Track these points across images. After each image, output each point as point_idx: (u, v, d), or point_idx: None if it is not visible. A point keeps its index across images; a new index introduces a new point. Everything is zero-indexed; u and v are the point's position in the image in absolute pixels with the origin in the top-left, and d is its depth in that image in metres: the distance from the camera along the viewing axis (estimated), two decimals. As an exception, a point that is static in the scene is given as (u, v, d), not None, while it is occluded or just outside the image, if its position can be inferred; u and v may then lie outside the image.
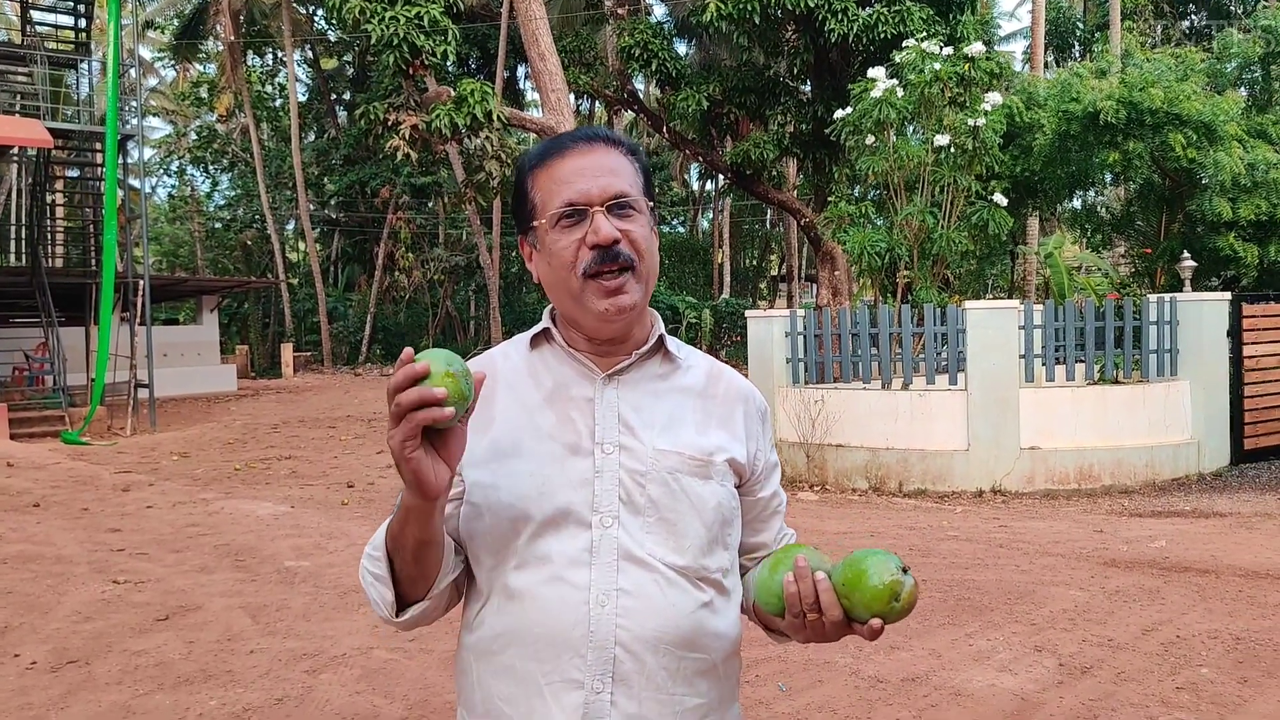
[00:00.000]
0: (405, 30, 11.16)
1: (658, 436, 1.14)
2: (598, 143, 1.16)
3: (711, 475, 1.15)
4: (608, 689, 1.07)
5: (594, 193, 1.11)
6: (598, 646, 1.07)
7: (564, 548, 1.09)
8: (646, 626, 1.08)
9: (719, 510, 1.15)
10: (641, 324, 1.20)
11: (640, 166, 1.18)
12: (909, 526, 6.84)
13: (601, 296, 1.12)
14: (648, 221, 1.16)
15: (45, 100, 14.67)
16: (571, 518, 1.10)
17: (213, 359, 21.99)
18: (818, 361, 9.39)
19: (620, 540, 1.10)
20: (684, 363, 1.22)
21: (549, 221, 1.14)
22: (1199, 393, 9.09)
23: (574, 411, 1.14)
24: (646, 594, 1.09)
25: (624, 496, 1.11)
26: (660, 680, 1.09)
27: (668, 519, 1.12)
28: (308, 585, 5.13)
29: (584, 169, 1.13)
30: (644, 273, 1.15)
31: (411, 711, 3.43)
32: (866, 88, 9.92)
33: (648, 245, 1.15)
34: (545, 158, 1.17)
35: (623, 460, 1.12)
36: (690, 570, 1.12)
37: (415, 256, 29.57)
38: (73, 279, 16.62)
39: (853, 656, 3.94)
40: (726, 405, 1.22)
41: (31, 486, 8.51)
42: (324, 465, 10.38)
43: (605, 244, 1.10)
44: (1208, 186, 10.79)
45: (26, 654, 4.04)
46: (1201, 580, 5.07)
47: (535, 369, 1.19)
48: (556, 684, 1.07)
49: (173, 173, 35.60)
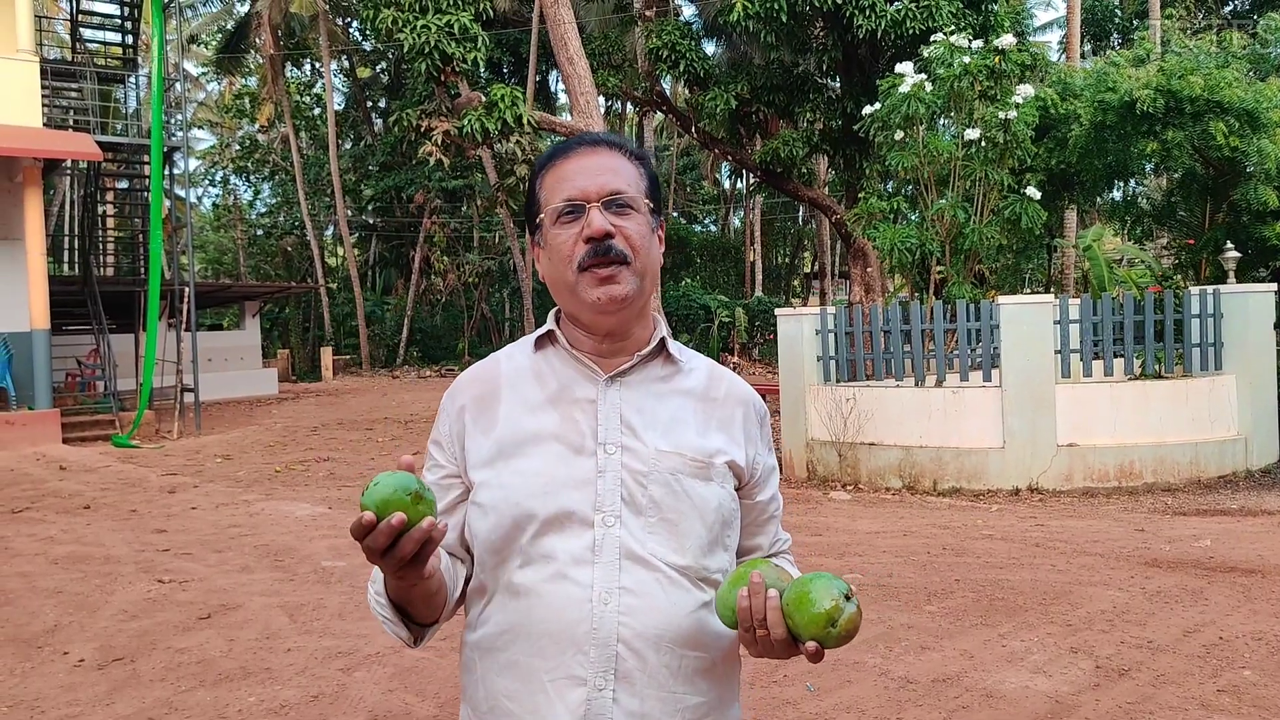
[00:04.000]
0: (436, 38, 11.30)
1: (659, 438, 1.16)
2: (602, 146, 1.20)
3: (712, 477, 1.17)
4: (610, 686, 1.09)
5: (591, 190, 1.15)
6: (600, 644, 1.09)
7: (567, 546, 1.11)
8: (648, 624, 1.10)
9: (719, 511, 1.17)
10: (643, 325, 1.22)
11: (646, 172, 1.21)
12: (943, 525, 6.77)
13: (594, 286, 1.14)
14: (647, 221, 1.18)
15: (95, 115, 15.11)
16: (575, 517, 1.12)
17: (255, 363, 22.43)
18: (849, 359, 9.33)
19: (622, 539, 1.11)
20: (685, 365, 1.24)
21: (550, 217, 1.17)
22: (1245, 387, 8.85)
23: (577, 412, 1.17)
24: (648, 593, 1.11)
25: (626, 496, 1.13)
26: (662, 678, 1.11)
27: (669, 519, 1.14)
28: (344, 585, 5.23)
29: (585, 168, 1.17)
30: (639, 269, 1.16)
31: (442, 710, 3.49)
32: (895, 83, 9.82)
33: (644, 244, 1.17)
34: (552, 159, 1.21)
35: (625, 461, 1.14)
36: (691, 570, 1.14)
37: (450, 260, 29.88)
38: (122, 287, 17.08)
39: (882, 657, 3.92)
40: (727, 409, 1.24)
41: (83, 489, 8.78)
42: (361, 466, 10.55)
43: (598, 236, 1.13)
44: (1252, 175, 10.50)
45: (75, 651, 4.18)
46: (1247, 580, 4.95)
47: (539, 370, 1.21)
48: (560, 680, 1.09)
49: (217, 182, 36.40)
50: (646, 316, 1.22)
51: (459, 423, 1.21)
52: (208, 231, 36.48)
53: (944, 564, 5.47)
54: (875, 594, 4.85)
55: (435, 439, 1.24)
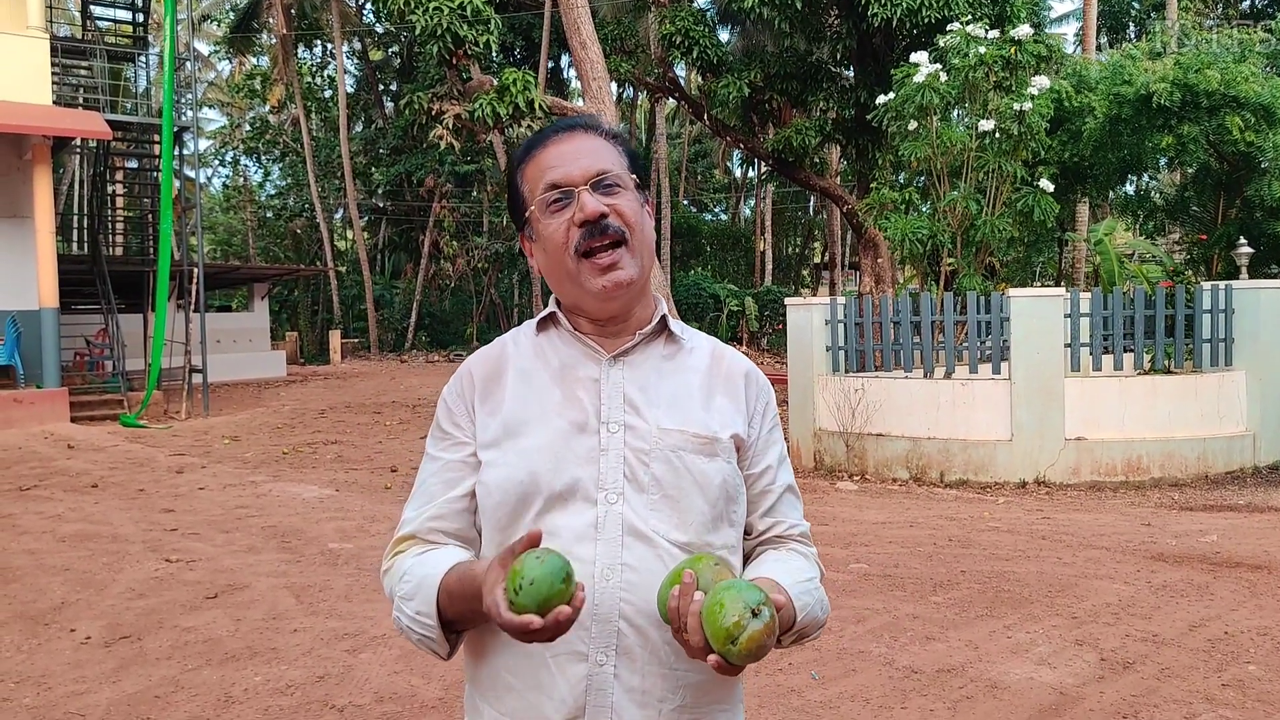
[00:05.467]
0: (449, 21, 11.26)
1: (662, 415, 1.16)
2: (576, 130, 1.19)
3: (717, 453, 1.17)
4: (611, 661, 1.09)
5: (575, 173, 1.14)
6: (602, 620, 1.09)
7: (570, 523, 1.12)
8: (650, 601, 1.10)
9: (723, 487, 1.17)
10: (644, 304, 1.22)
11: (624, 150, 1.21)
12: (949, 517, 6.76)
13: (597, 274, 1.14)
14: (636, 197, 1.18)
15: (105, 93, 15.09)
16: (578, 493, 1.12)
17: (263, 345, 22.49)
18: (858, 350, 9.30)
19: (625, 516, 1.12)
20: (687, 343, 1.24)
21: (538, 208, 1.17)
22: (1255, 384, 8.80)
23: (580, 391, 1.17)
24: (650, 569, 1.11)
25: (628, 474, 1.13)
26: (663, 654, 1.11)
27: (671, 496, 1.14)
28: (350, 567, 5.25)
29: (565, 154, 1.16)
30: (637, 246, 1.16)
31: (448, 692, 3.50)
32: (909, 73, 9.75)
33: (637, 219, 1.17)
34: (529, 152, 1.21)
35: (627, 439, 1.14)
36: (694, 546, 1.14)
37: (460, 245, 29.89)
38: (131, 267, 17.10)
39: (887, 646, 3.92)
40: (730, 380, 1.24)
41: (90, 468, 8.83)
42: (369, 450, 10.58)
43: (592, 218, 1.12)
44: (1267, 170, 10.43)
45: (82, 629, 4.21)
46: (1253, 576, 4.93)
47: (543, 351, 1.21)
48: (561, 656, 1.09)
49: (227, 163, 36.44)
50: (647, 295, 1.22)
51: (469, 402, 1.21)
52: (217, 213, 36.55)
53: (950, 555, 5.47)
54: (881, 584, 4.85)
55: (451, 419, 1.23)
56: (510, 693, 1.13)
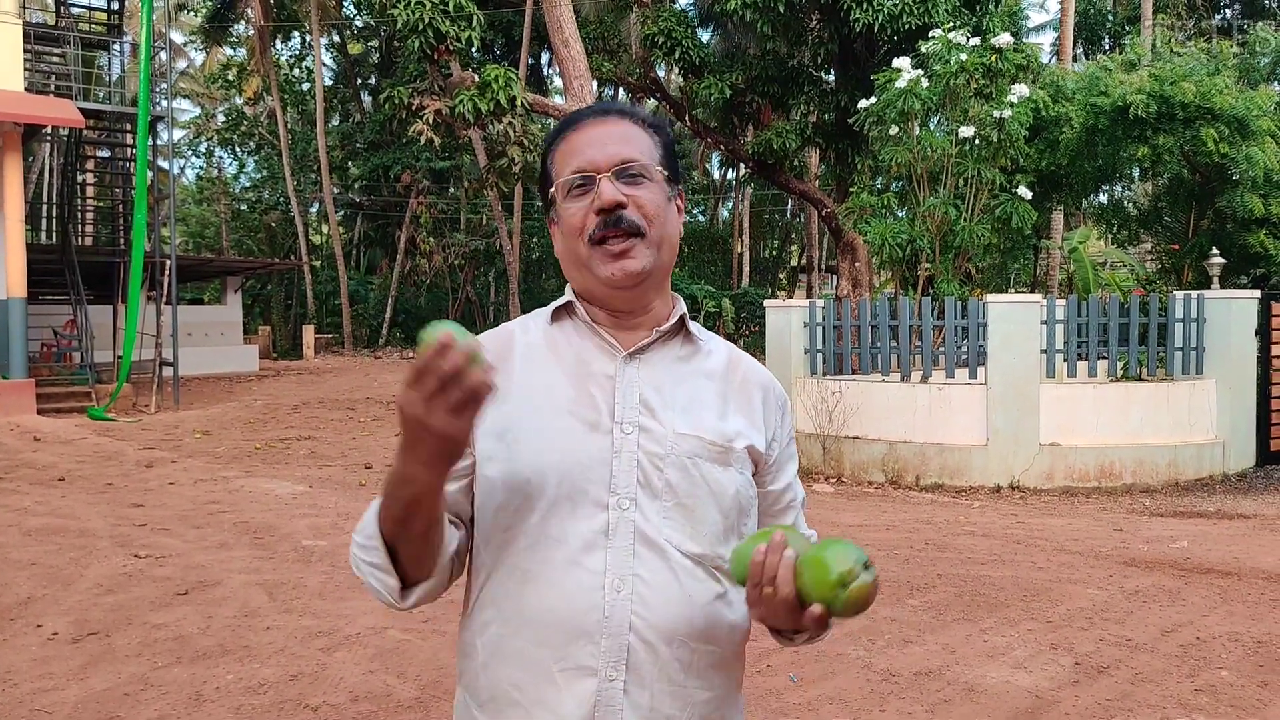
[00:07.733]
0: (430, 15, 11.17)
1: (678, 419, 1.12)
2: (612, 115, 1.15)
3: (731, 462, 1.13)
4: (621, 677, 1.05)
5: (600, 160, 1.10)
6: (613, 634, 1.05)
7: (579, 528, 1.06)
8: (663, 616, 1.06)
9: (737, 499, 1.13)
10: (663, 300, 1.17)
11: (661, 140, 1.16)
12: (925, 520, 6.80)
13: (607, 262, 1.10)
14: (662, 190, 1.14)
15: (77, 81, 14.81)
16: (588, 497, 1.07)
17: (236, 339, 22.20)
18: (836, 353, 9.35)
19: (637, 523, 1.07)
20: (705, 346, 1.20)
21: (560, 191, 1.13)
22: (1225, 392, 8.95)
23: (594, 388, 1.12)
24: (663, 583, 1.06)
25: (642, 479, 1.08)
26: (673, 671, 1.07)
27: (685, 504, 1.09)
28: (324, 564, 5.18)
29: (594, 139, 1.12)
30: (655, 240, 1.12)
31: (424, 692, 3.46)
32: (891, 78, 9.82)
33: (659, 213, 1.12)
34: (562, 132, 1.17)
35: (641, 442, 1.09)
36: (706, 559, 1.09)
37: (436, 241, 29.67)
38: (101, 258, 16.82)
39: (865, 649, 3.93)
40: (745, 392, 1.19)
41: (57, 461, 8.65)
42: (342, 446, 10.47)
43: (608, 207, 1.09)
44: (1239, 182, 10.59)
45: (48, 625, 4.11)
46: (1224, 582, 5.00)
47: (555, 342, 1.16)
48: (569, 671, 1.05)
49: (200, 154, 35.91)
50: (666, 290, 1.18)
51: None
52: (190, 204, 35.99)
53: (926, 559, 5.50)
54: (858, 587, 4.86)
55: None
56: (513, 707, 1.07)
